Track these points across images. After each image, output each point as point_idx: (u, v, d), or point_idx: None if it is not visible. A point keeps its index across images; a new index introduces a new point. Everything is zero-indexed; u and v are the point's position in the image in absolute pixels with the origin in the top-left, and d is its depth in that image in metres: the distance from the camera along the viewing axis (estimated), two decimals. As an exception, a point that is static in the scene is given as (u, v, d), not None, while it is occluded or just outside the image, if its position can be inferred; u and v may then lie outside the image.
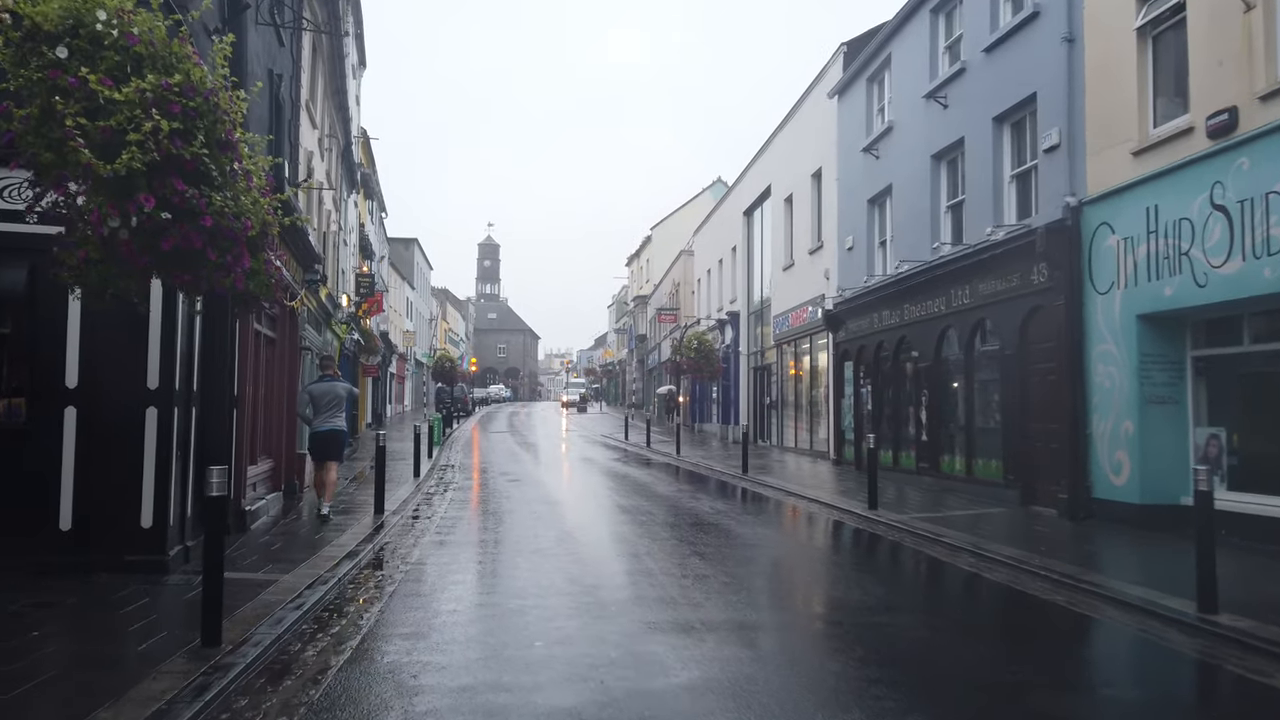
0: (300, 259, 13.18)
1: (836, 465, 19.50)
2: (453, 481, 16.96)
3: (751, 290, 30.16)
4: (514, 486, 16.11)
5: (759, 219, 29.21)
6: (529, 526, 11.05)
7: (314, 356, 17.81)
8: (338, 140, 22.25)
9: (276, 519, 11.01)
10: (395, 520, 11.36)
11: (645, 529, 10.95)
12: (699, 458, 23.01)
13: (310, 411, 11.00)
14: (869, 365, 18.10)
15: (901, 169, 16.58)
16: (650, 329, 58.41)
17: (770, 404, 27.78)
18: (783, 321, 24.88)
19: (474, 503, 13.68)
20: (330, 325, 20.00)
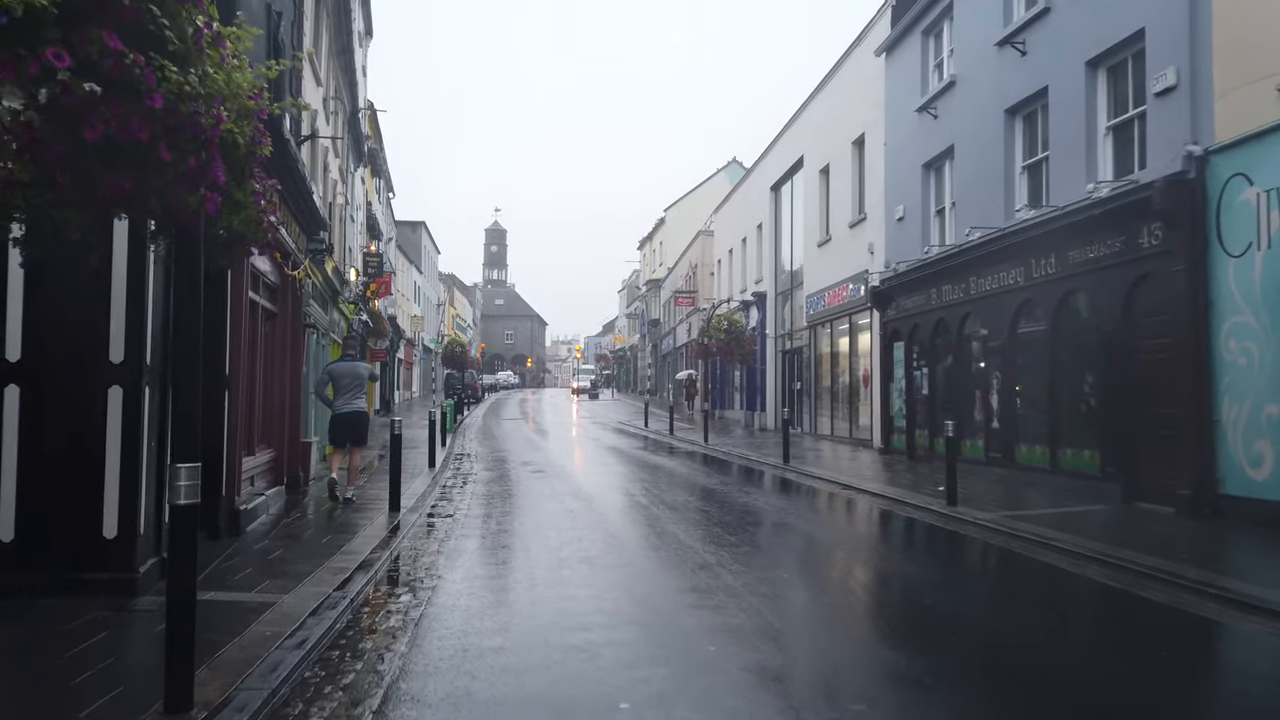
0: (303, 222, 11.70)
1: (884, 454, 18.02)
2: (471, 473, 15.52)
3: (779, 269, 28.60)
4: (539, 479, 14.66)
5: (788, 194, 27.62)
6: (566, 528, 9.59)
7: (321, 335, 16.37)
8: (344, 105, 20.73)
9: (278, 518, 9.57)
10: (413, 519, 9.91)
11: (703, 530, 9.48)
12: (730, 446, 21.53)
13: (329, 392, 10.49)
14: (924, 345, 16.58)
15: (966, 127, 15.00)
16: (664, 313, 56.87)
17: (800, 389, 26.27)
18: (817, 301, 23.34)
19: (498, 498, 12.23)
20: (337, 303, 18.54)
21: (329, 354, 18.18)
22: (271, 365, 11.03)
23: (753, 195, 31.28)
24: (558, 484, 13.97)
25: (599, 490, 13.52)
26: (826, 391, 23.84)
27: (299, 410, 12.26)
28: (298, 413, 12.17)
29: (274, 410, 11.06)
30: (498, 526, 9.72)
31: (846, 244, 21.26)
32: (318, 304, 15.41)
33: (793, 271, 26.93)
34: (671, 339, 51.62)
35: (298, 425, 12.20)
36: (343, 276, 17.84)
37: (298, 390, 12.17)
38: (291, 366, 11.75)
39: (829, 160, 22.76)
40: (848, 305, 21.04)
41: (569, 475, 15.47)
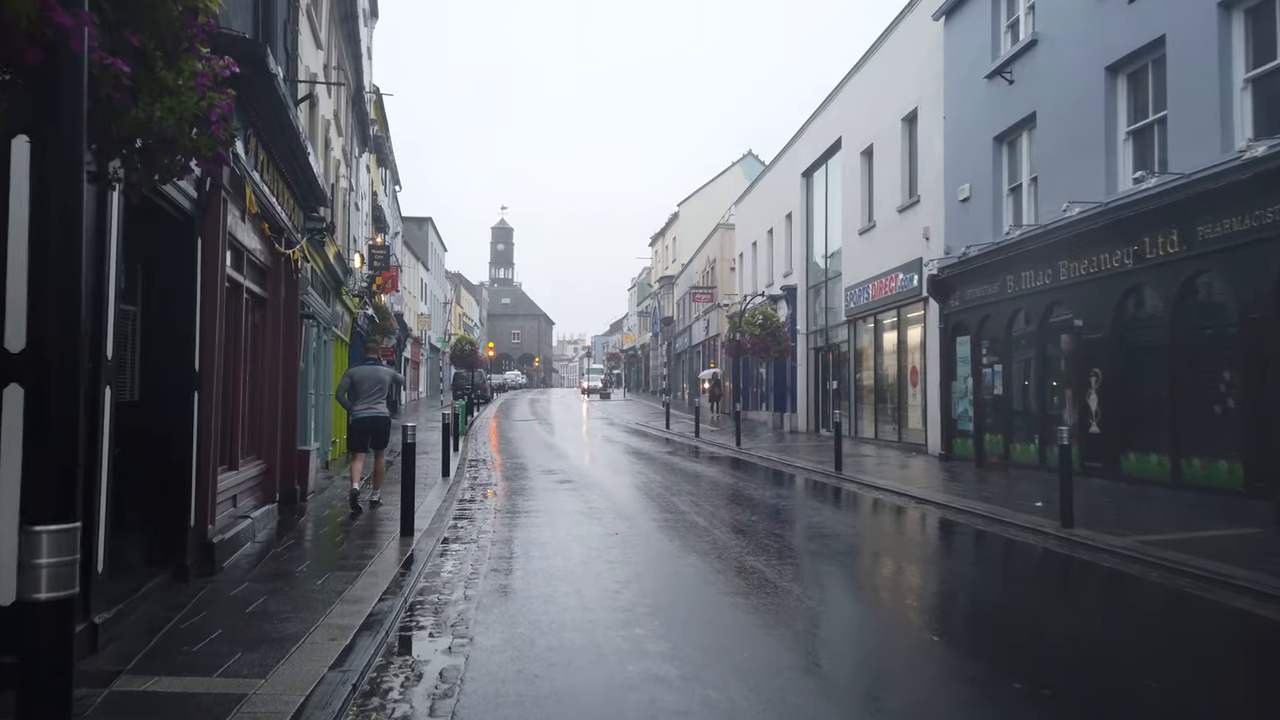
0: (298, 192, 9.97)
1: (945, 461, 16.24)
2: (490, 483, 13.80)
3: (811, 261, 26.82)
4: (568, 492, 12.93)
5: (821, 180, 25.84)
6: (618, 560, 7.85)
7: (322, 329, 14.66)
8: (347, 80, 19.02)
9: (266, 547, 7.84)
10: (430, 547, 8.17)
11: (786, 563, 7.74)
12: (766, 451, 19.77)
13: (349, 397, 10.23)
14: (997, 339, 14.80)
15: (1052, 91, 13.22)
16: (678, 310, 55.12)
17: (836, 389, 24.50)
18: (859, 294, 21.57)
19: (527, 517, 10.49)
20: (340, 295, 16.83)
21: (330, 351, 16.46)
22: (261, 360, 9.31)
23: (780, 184, 29.51)
24: (591, 497, 12.23)
25: (639, 505, 11.77)
26: (868, 392, 22.06)
27: (294, 413, 10.55)
28: (293, 416, 10.46)
29: (263, 414, 9.34)
30: (534, 558, 7.97)
31: (895, 230, 19.49)
32: (317, 293, 13.70)
33: (827, 263, 25.15)
34: (687, 337, 49.87)
35: (293, 431, 10.48)
36: (346, 265, 16.12)
37: (293, 390, 10.46)
38: (285, 362, 10.03)
39: (872, 140, 20.98)
40: (896, 297, 19.27)
41: (600, 486, 13.73)
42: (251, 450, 9.02)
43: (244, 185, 7.14)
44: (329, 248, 13.63)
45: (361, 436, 10.34)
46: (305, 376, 12.54)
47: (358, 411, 10.20)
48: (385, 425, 10.47)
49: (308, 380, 13.11)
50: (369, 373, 10.37)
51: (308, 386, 13.20)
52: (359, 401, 10.18)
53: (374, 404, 10.20)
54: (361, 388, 10.20)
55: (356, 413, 10.22)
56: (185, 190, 6.05)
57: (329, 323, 15.77)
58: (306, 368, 12.63)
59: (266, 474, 9.31)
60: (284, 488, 10.10)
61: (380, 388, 10.32)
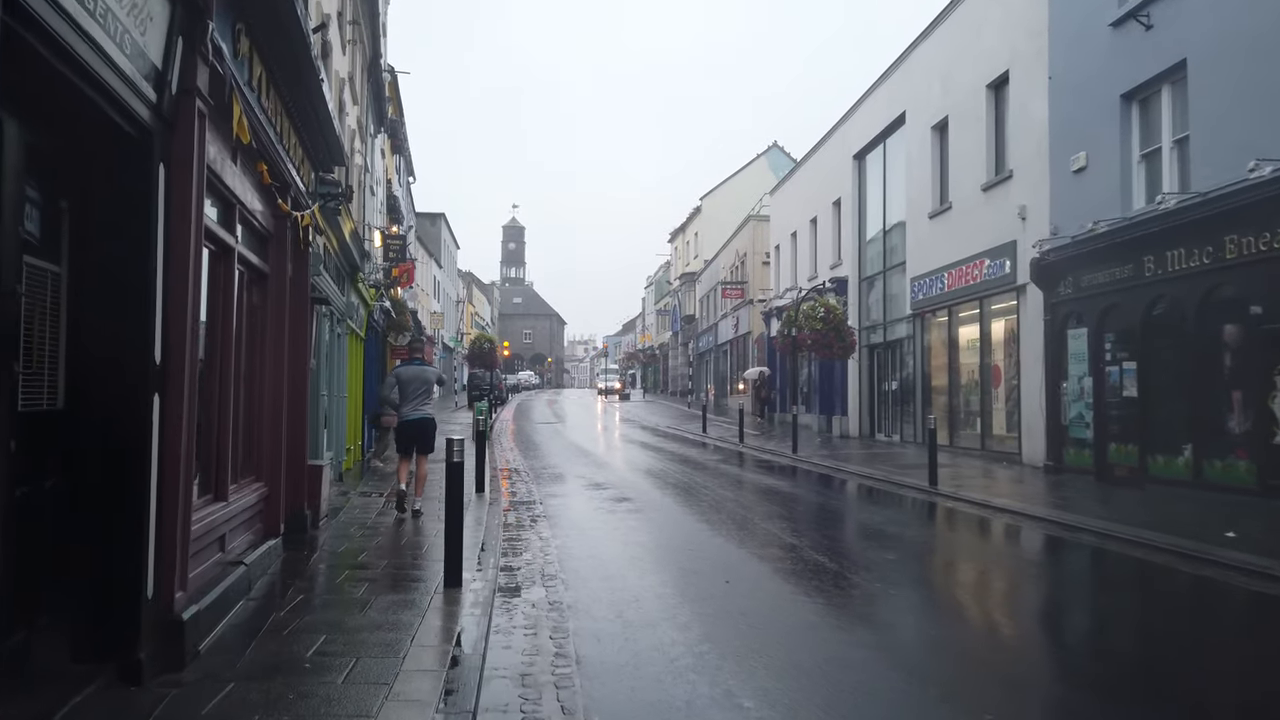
0: (309, 143, 7.85)
1: (1054, 474, 14.04)
2: (534, 501, 11.67)
3: (864, 251, 24.64)
4: (631, 515, 10.79)
5: (877, 161, 23.64)
6: (780, 626, 5.72)
7: (336, 320, 12.58)
8: (363, 43, 16.97)
9: (266, 607, 5.72)
10: (479, 593, 6.05)
11: (992, 633, 5.59)
12: (831, 460, 17.58)
13: (395, 397, 9.94)
14: (1128, 332, 12.60)
15: (1211, 31, 11.03)
16: (701, 308, 52.96)
17: (895, 390, 22.32)
18: (929, 284, 19.39)
19: (602, 549, 8.36)
20: (356, 283, 14.74)
21: (345, 346, 14.37)
22: (261, 353, 7.20)
23: (827, 168, 27.32)
24: (661, 522, 10.12)
25: (729, 535, 9.60)
26: (938, 393, 19.86)
27: (304, 420, 8.44)
28: (303, 424, 8.36)
29: (264, 422, 7.23)
30: (633, 625, 5.81)
31: (978, 211, 17.29)
32: (330, 277, 11.60)
33: (886, 252, 22.95)
34: (712, 335, 47.71)
35: (303, 443, 8.38)
36: (363, 246, 13.99)
37: (303, 391, 8.37)
38: (293, 356, 7.92)
39: (946, 113, 18.78)
40: (980, 286, 17.08)
41: (663, 507, 11.60)
42: (248, 470, 6.91)
43: (231, 101, 5.02)
44: (344, 223, 11.53)
45: (408, 440, 10.00)
46: (317, 375, 10.47)
47: (404, 414, 9.91)
48: (432, 429, 10.21)
49: (319, 379, 11.03)
50: (415, 373, 10.06)
51: (319, 386, 11.11)
52: (405, 403, 9.88)
53: (421, 406, 9.96)
54: (408, 389, 9.89)
55: (404, 415, 9.93)
56: (137, 87, 3.94)
57: (344, 313, 13.69)
58: (319, 364, 10.56)
59: (268, 499, 7.20)
60: (291, 514, 8.00)
61: (427, 389, 10.12)
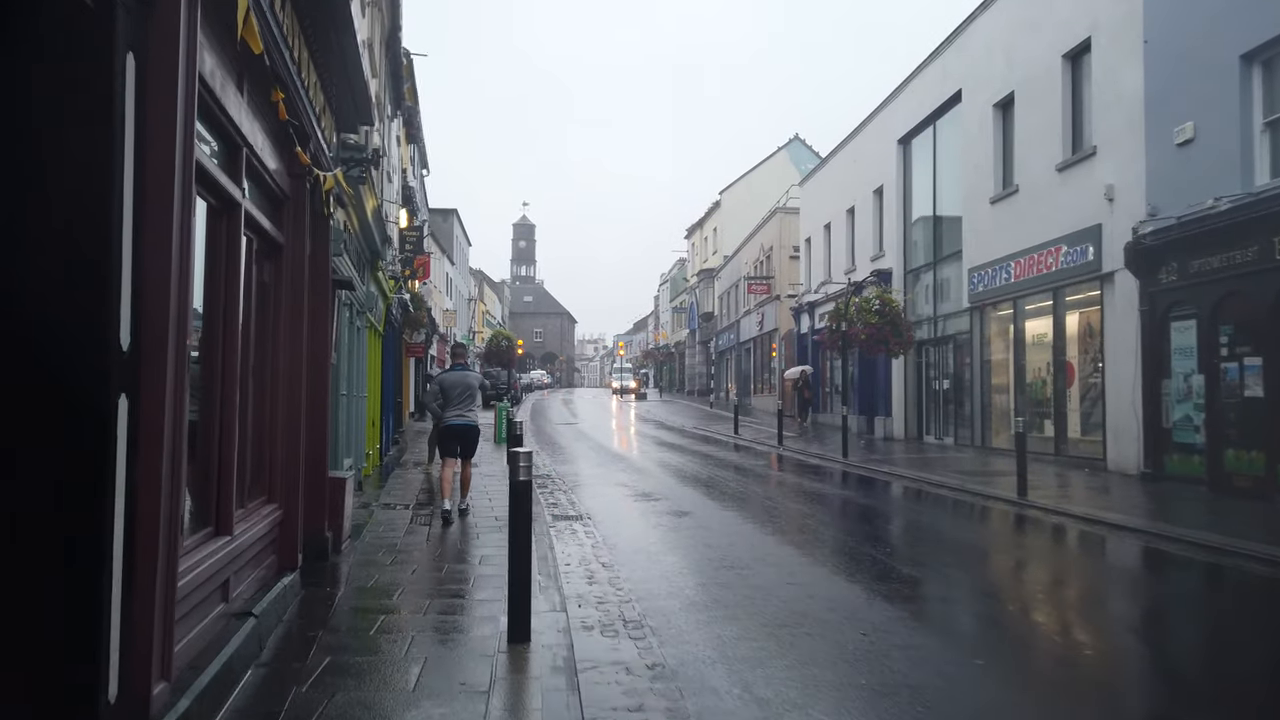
0: (331, 86, 6.46)
1: (1154, 482, 12.57)
2: (583, 516, 10.26)
3: (909, 241, 23.18)
4: (696, 532, 9.37)
5: (925, 145, 22.16)
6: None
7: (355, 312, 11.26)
8: (383, 11, 15.60)
9: (278, 679, 4.31)
10: (555, 653, 4.65)
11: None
12: (896, 467, 16.13)
13: (439, 405, 9.91)
14: (1249, 323, 11.13)
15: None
16: (721, 305, 51.51)
17: (947, 389, 20.86)
18: (991, 275, 17.92)
19: (682, 582, 6.94)
20: (376, 271, 13.37)
21: (365, 341, 13.01)
22: (272, 341, 5.81)
23: (866, 155, 25.85)
24: (735, 544, 8.67)
25: (826, 559, 8.18)
26: (998, 391, 18.41)
27: (325, 426, 7.05)
28: (323, 430, 6.97)
29: (276, 429, 5.83)
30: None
31: (1052, 193, 15.82)
32: (351, 260, 10.22)
33: (936, 241, 21.49)
34: (734, 333, 46.25)
35: (323, 452, 6.99)
36: (384, 229, 12.59)
37: (323, 390, 6.98)
38: (312, 346, 6.53)
39: (1012, 88, 17.29)
40: (1056, 275, 15.61)
41: (733, 526, 10.17)
42: (258, 490, 5.53)
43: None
44: (367, 198, 10.15)
45: (452, 444, 9.89)
46: (337, 371, 9.11)
47: (448, 419, 9.83)
48: (476, 434, 10.21)
49: (339, 376, 9.66)
50: (459, 378, 9.94)
51: (339, 384, 9.74)
52: (450, 409, 9.80)
53: (465, 411, 9.87)
54: (452, 394, 9.80)
55: (447, 420, 9.85)
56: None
57: (364, 305, 12.32)
58: (339, 359, 9.20)
59: (283, 525, 5.81)
60: (310, 536, 6.63)
61: (471, 394, 9.94)
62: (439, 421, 10.08)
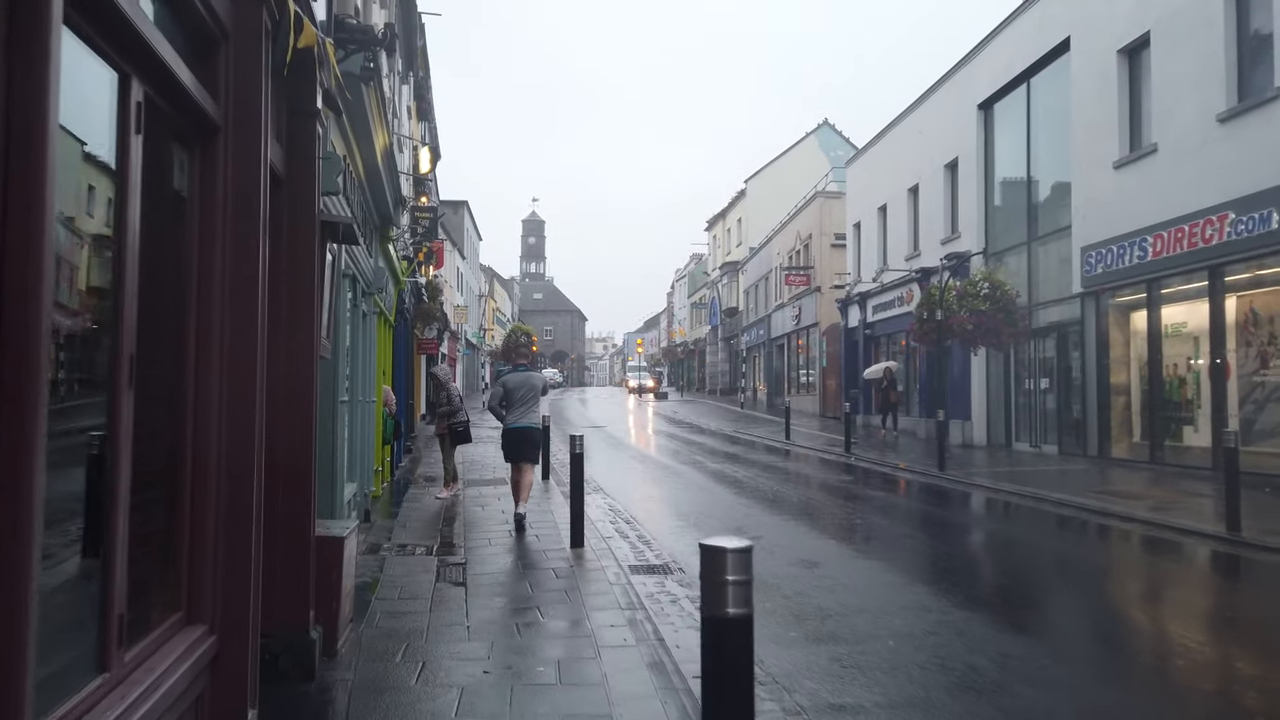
0: None
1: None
2: (675, 568, 7.46)
3: (991, 219, 20.32)
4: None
5: (1015, 108, 19.28)
6: None
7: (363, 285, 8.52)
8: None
9: None
10: None
11: None
12: (1019, 484, 13.27)
13: (502, 407, 9.31)
14: None
15: None
16: (746, 300, 48.65)
17: (1045, 389, 18.00)
18: (1115, 253, 15.07)
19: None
20: (386, 242, 10.57)
21: (374, 332, 10.24)
22: (193, 306, 3.01)
23: (934, 125, 22.98)
24: (1028, 669, 5.87)
25: (1048, 640, 5.39)
26: (1118, 392, 15.57)
27: (308, 456, 4.26)
28: (306, 464, 4.19)
29: (204, 480, 3.02)
30: None
31: (1210, 150, 12.95)
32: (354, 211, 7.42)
33: (1031, 218, 18.62)
34: (763, 329, 43.38)
35: (305, 499, 4.21)
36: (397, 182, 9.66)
37: (307, 399, 4.20)
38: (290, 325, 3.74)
39: (1148, 27, 14.42)
40: (1217, 249, 12.75)
41: (872, 581, 7.38)
42: (167, 604, 2.73)
43: None
44: (376, 128, 7.34)
45: (516, 449, 9.45)
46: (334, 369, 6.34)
47: (510, 422, 9.35)
48: (539, 438, 10.02)
49: (333, 374, 6.87)
50: (522, 379, 9.50)
51: (338, 387, 6.96)
52: (511, 411, 9.29)
53: (528, 413, 9.40)
54: (515, 396, 9.27)
55: (509, 423, 9.37)
56: None
57: (371, 283, 9.55)
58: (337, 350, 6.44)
59: (218, 661, 3.01)
60: (287, 637, 3.88)
61: (534, 395, 9.49)
62: (502, 424, 9.55)
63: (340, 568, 4.73)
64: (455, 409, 11.64)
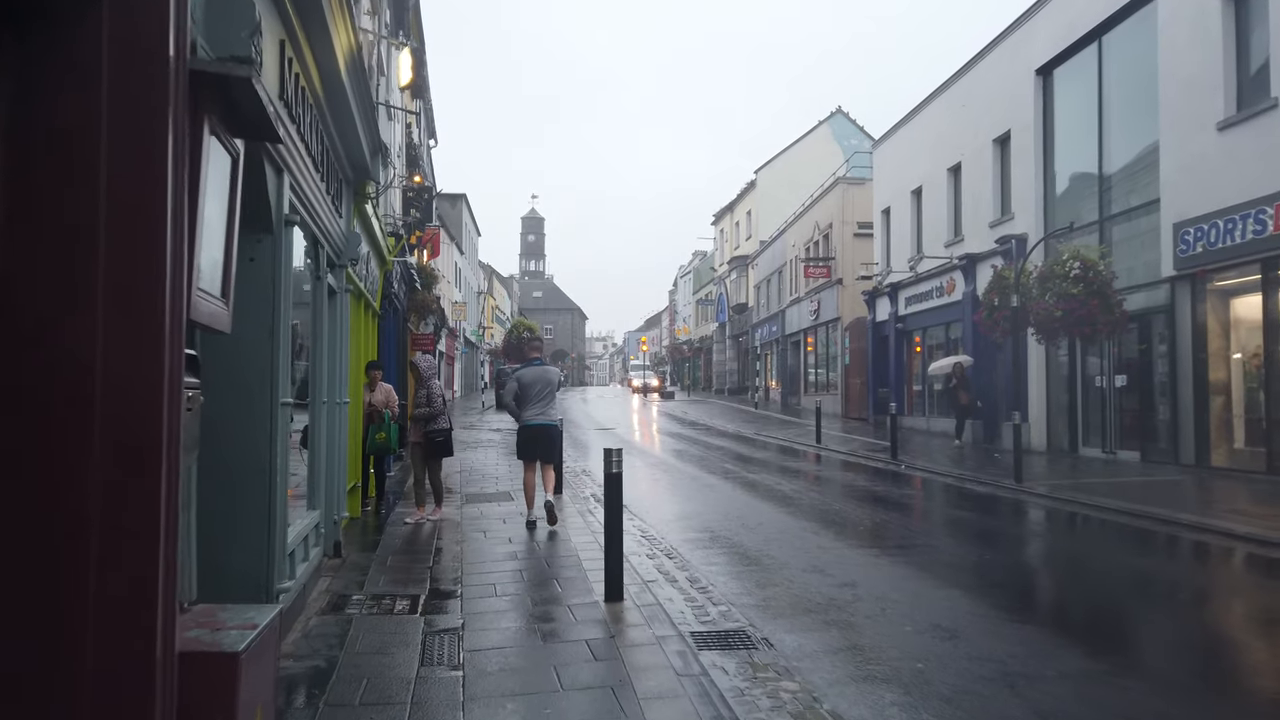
0: None
1: None
2: (788, 649, 5.30)
3: (1052, 198, 18.17)
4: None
5: (1083, 70, 17.09)
6: None
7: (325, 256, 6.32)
8: None
9: None
10: None
11: None
12: (1121, 502, 11.13)
13: (516, 403, 9.01)
14: None
15: None
16: (757, 295, 46.48)
17: (1122, 386, 15.84)
18: (1223, 229, 12.92)
19: None
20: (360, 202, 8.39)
21: (345, 312, 8.08)
22: None
23: (981, 97, 20.82)
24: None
25: None
26: (1216, 391, 13.44)
27: (157, 495, 2.13)
28: (154, 507, 2.08)
29: None
30: None
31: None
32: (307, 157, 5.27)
33: (1102, 194, 16.46)
34: (777, 324, 41.22)
35: (150, 570, 2.08)
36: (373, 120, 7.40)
37: (155, 389, 2.08)
38: (114, 249, 1.61)
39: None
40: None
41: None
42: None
43: None
44: (336, 22, 5.18)
45: (531, 447, 8.94)
46: (510, 385, 4.09)
47: (527, 419, 8.92)
48: (558, 435, 9.37)
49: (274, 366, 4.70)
50: (538, 374, 9.05)
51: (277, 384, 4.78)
52: (528, 407, 8.90)
53: (545, 410, 8.95)
54: (530, 392, 8.91)
55: (526, 420, 8.93)
56: None
57: (341, 249, 7.39)
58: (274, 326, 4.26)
59: None
60: None
61: (550, 391, 9.00)
62: (517, 421, 9.14)
63: (230, 711, 2.57)
64: (435, 412, 9.43)
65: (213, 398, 3.52)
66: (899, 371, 26.00)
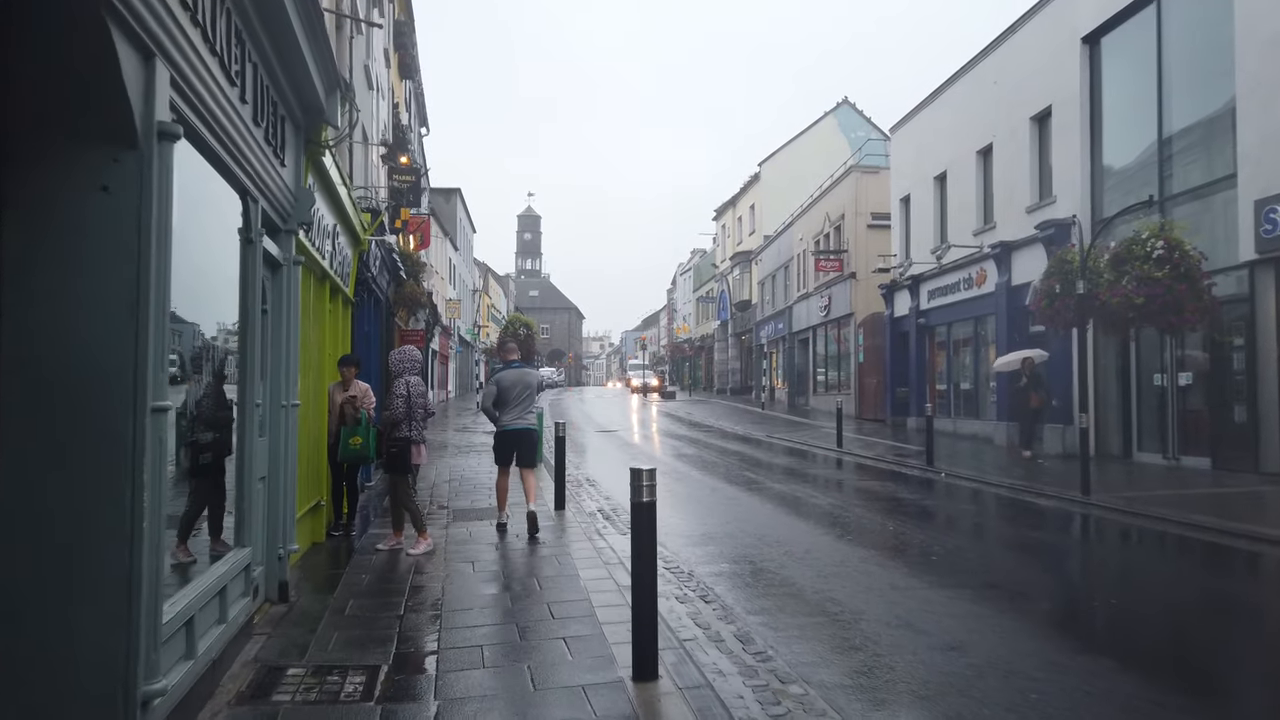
0: None
1: None
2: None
3: (1101, 178, 16.55)
4: None
5: (1138, 35, 15.45)
6: None
7: (255, 212, 4.55)
8: None
9: None
10: None
11: None
12: (1224, 522, 9.50)
13: (495, 407, 8.68)
14: None
15: None
16: (762, 291, 44.82)
17: (1187, 385, 14.20)
18: (1312, 204, 11.32)
19: None
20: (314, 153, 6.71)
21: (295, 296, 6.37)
22: None
23: (1016, 72, 19.17)
24: None
25: None
26: (1311, 389, 11.82)
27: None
28: None
29: None
30: None
31: None
32: (232, 84, 3.59)
33: (1162, 172, 14.81)
34: (783, 321, 39.53)
35: None
36: (319, 31, 5.71)
37: None
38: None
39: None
40: None
41: None
42: None
43: None
44: None
45: (508, 451, 8.67)
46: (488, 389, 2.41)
47: (504, 423, 8.65)
48: (535, 439, 9.11)
49: (138, 356, 2.99)
50: (518, 377, 8.70)
51: (141, 382, 3.08)
52: (507, 411, 8.61)
53: (524, 414, 8.71)
54: (509, 395, 8.60)
55: (503, 424, 8.66)
56: None
57: (288, 209, 5.72)
58: (138, 294, 2.52)
59: None
60: None
61: (530, 394, 8.77)
62: (495, 425, 8.75)
63: None
64: (397, 418, 7.72)
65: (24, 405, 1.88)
66: (920, 370, 24.38)
